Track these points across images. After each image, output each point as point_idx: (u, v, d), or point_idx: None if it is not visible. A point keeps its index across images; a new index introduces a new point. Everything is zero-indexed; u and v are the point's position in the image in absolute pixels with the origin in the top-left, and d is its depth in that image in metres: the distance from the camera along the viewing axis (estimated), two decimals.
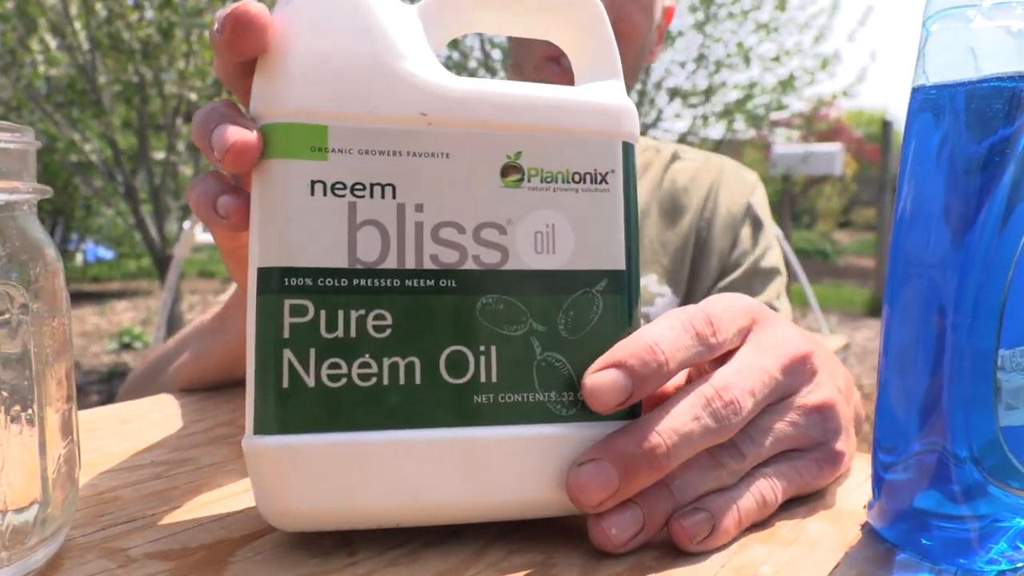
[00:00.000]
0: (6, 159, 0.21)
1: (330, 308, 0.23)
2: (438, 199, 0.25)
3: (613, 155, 0.26)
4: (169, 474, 0.31)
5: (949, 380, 0.24)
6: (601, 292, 0.26)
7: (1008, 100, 0.24)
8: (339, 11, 0.25)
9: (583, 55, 0.29)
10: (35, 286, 0.22)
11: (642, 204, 0.71)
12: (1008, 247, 0.23)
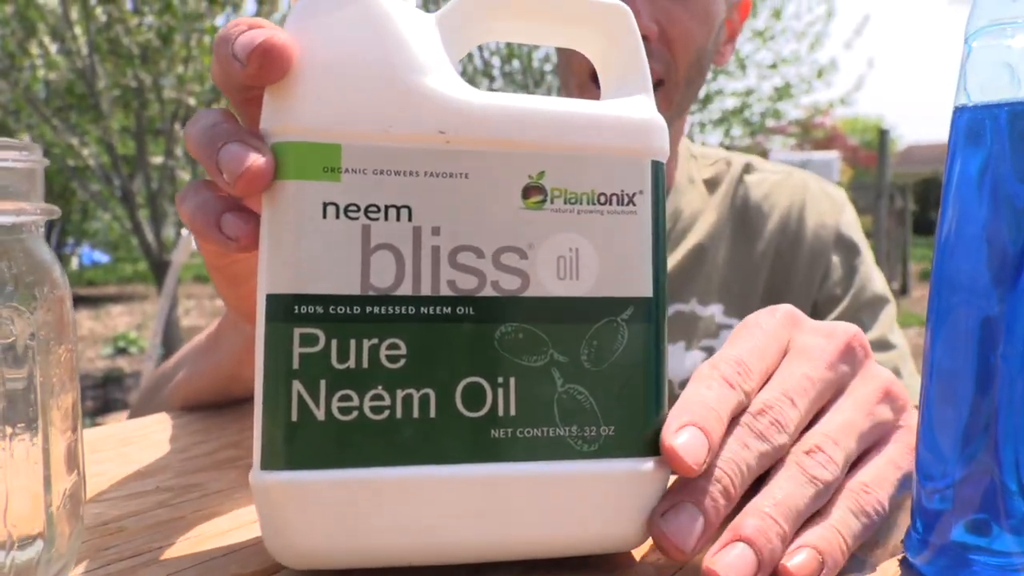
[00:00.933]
0: (13, 179, 0.20)
1: (342, 337, 0.22)
2: (456, 222, 0.23)
3: (641, 175, 0.25)
4: (175, 502, 0.30)
5: (1001, 411, 0.23)
6: (627, 321, 0.25)
7: None
8: (354, 21, 0.23)
9: (611, 66, 0.28)
10: (41, 311, 0.21)
11: (713, 225, 0.67)
12: None
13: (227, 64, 0.22)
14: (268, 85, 0.23)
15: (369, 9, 0.23)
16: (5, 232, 0.20)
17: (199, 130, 0.23)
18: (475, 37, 0.27)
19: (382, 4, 0.24)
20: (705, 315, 0.64)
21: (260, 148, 0.22)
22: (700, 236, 0.66)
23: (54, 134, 3.54)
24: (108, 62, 3.37)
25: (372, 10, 0.23)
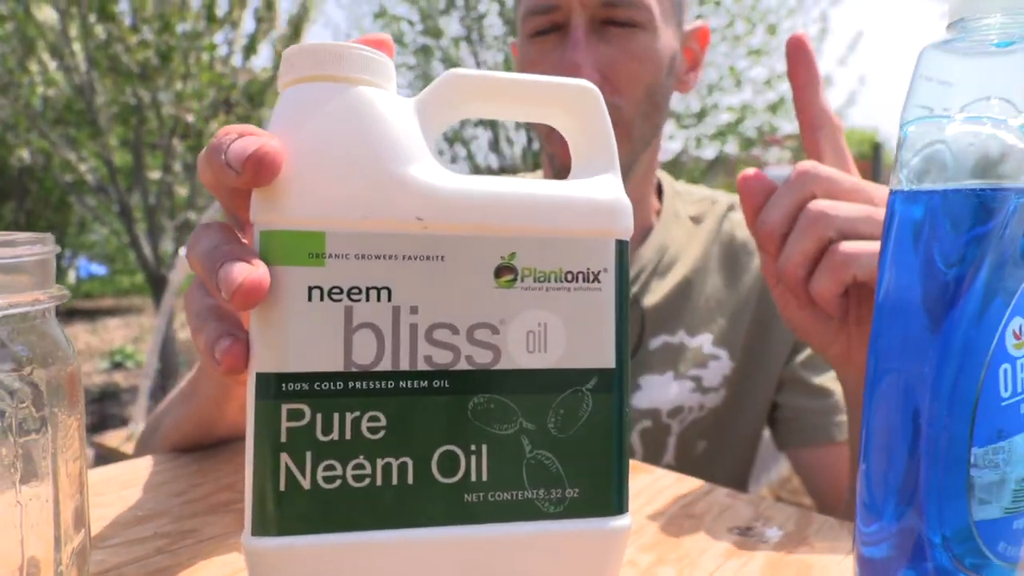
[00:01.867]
0: (28, 270, 0.22)
1: (326, 411, 0.24)
2: (432, 301, 0.25)
3: (606, 254, 0.27)
4: (172, 548, 0.32)
5: (925, 471, 0.25)
6: (591, 390, 0.26)
7: (979, 205, 0.25)
8: (337, 113, 0.25)
9: (581, 143, 0.30)
10: (54, 387, 0.23)
11: (699, 259, 0.69)
12: (981, 348, 0.25)
13: (221, 172, 0.24)
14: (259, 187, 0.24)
15: (351, 100, 0.25)
16: (22, 319, 0.22)
17: (201, 252, 0.25)
18: (452, 118, 0.29)
19: (363, 94, 0.25)
20: (693, 345, 0.66)
21: (253, 261, 0.23)
22: (686, 270, 0.68)
23: (52, 149, 3.57)
24: (107, 79, 3.40)
25: (354, 101, 0.25)
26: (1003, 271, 0.25)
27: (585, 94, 0.29)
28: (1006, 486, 0.25)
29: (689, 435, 0.64)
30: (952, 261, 0.25)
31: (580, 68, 0.61)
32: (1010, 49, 0.26)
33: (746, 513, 0.37)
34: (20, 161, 3.63)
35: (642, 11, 0.62)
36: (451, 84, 0.27)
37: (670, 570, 0.31)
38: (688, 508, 0.38)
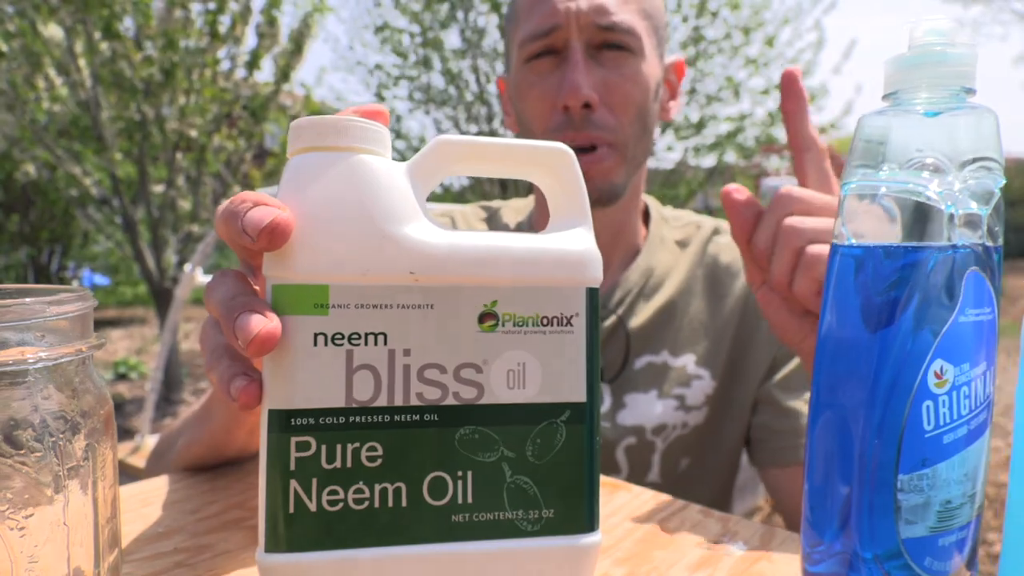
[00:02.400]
0: (72, 324, 0.26)
1: (330, 443, 0.27)
2: (423, 344, 0.29)
3: (577, 300, 0.30)
4: (190, 562, 0.35)
5: (857, 495, 0.28)
6: (564, 422, 0.30)
7: (905, 262, 0.28)
8: (338, 179, 0.28)
9: (556, 198, 0.33)
10: (94, 423, 0.26)
11: (684, 282, 0.72)
12: (906, 387, 0.28)
13: (238, 236, 0.27)
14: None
15: (350, 168, 0.28)
16: (67, 367, 0.25)
17: (219, 299, 0.28)
18: (440, 178, 0.32)
19: (362, 162, 0.29)
20: (677, 365, 0.69)
21: (269, 319, 0.26)
22: (671, 292, 0.72)
23: (57, 163, 3.61)
24: (111, 95, 3.45)
25: (353, 169, 0.29)
26: (925, 320, 0.28)
27: (560, 156, 0.32)
28: (931, 508, 0.28)
29: (673, 452, 0.67)
30: (882, 310, 0.29)
31: (580, 88, 0.64)
32: (936, 118, 0.29)
33: (715, 529, 0.40)
34: (26, 176, 3.67)
35: (634, 38, 0.66)
36: (439, 150, 0.31)
37: None
38: (662, 524, 0.41)
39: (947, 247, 0.28)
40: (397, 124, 6.22)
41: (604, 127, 0.66)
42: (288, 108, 4.07)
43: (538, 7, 0.67)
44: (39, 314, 0.24)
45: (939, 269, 0.28)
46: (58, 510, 0.25)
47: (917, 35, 0.30)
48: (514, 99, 0.72)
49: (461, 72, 5.95)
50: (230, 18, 3.51)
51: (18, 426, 0.24)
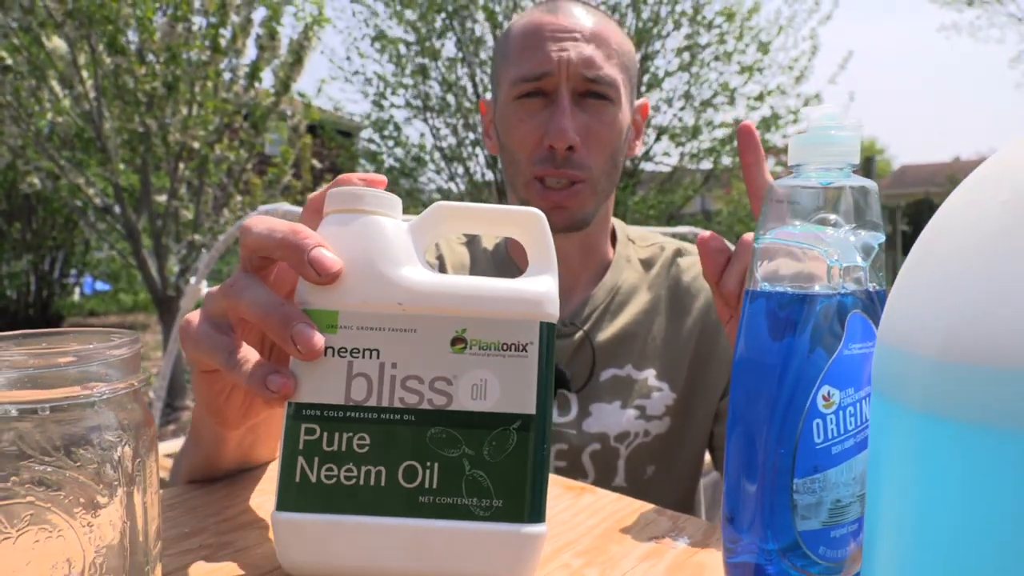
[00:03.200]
0: (126, 363, 0.32)
1: (330, 430, 0.35)
2: (407, 359, 0.36)
3: (533, 332, 0.37)
4: (215, 557, 0.41)
5: (761, 496, 0.35)
6: (516, 429, 0.37)
7: (799, 306, 0.35)
8: (355, 233, 0.37)
9: (530, 250, 0.40)
10: (144, 446, 0.33)
11: (648, 301, 0.79)
12: (799, 407, 0.34)
13: (298, 266, 0.35)
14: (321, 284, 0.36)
15: (364, 225, 0.37)
16: (122, 399, 0.32)
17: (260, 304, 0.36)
18: (434, 235, 0.39)
19: (374, 221, 0.37)
20: (640, 378, 0.76)
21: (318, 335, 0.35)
22: (636, 310, 0.78)
23: (61, 172, 3.68)
24: (115, 106, 3.52)
25: (366, 225, 0.37)
26: (815, 352, 0.34)
27: (533, 218, 0.40)
28: (823, 506, 0.35)
29: (637, 459, 0.73)
30: (781, 344, 0.35)
31: (567, 132, 0.73)
32: (829, 187, 0.36)
33: (665, 526, 0.47)
34: (31, 187, 3.73)
35: (614, 89, 0.74)
36: (437, 214, 0.38)
37: (595, 570, 0.41)
38: (619, 522, 0.47)
39: (835, 293, 0.35)
40: (395, 132, 6.30)
41: (582, 167, 0.75)
42: (288, 116, 4.14)
43: (532, 51, 0.75)
44: (104, 355, 0.31)
45: (827, 311, 0.34)
46: (116, 511, 0.31)
47: (814, 118, 0.36)
48: (499, 127, 0.79)
49: (458, 80, 6.02)
50: (231, 31, 3.58)
51: (82, 443, 0.31)
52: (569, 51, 0.74)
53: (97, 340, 0.33)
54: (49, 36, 3.37)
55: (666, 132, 6.39)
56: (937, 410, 0.24)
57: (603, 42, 0.76)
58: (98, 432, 0.31)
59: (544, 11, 0.78)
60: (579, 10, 0.78)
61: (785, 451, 0.34)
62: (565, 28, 0.75)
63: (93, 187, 3.80)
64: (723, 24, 6.07)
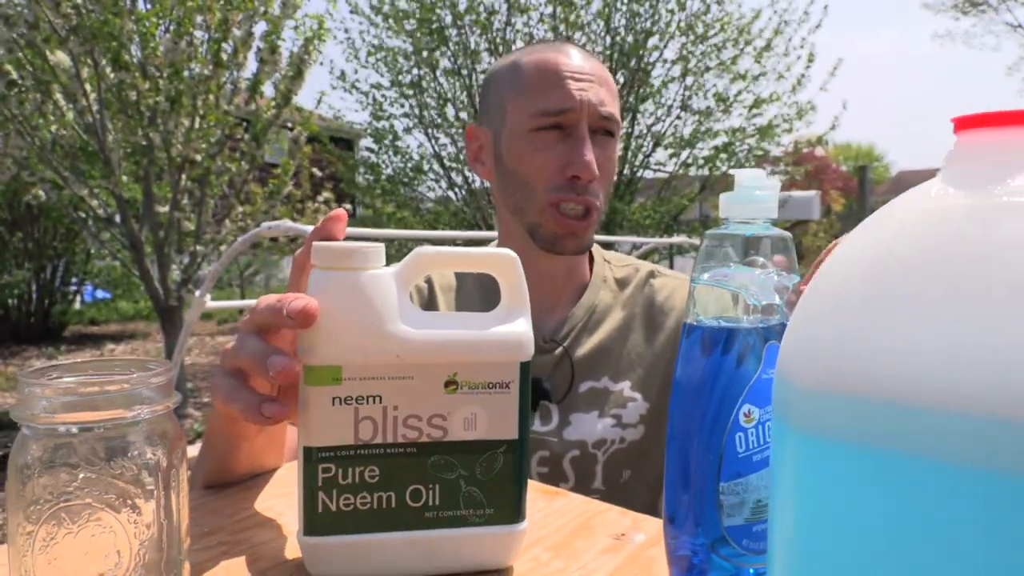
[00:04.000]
0: (162, 389, 0.39)
1: (344, 467, 0.41)
2: (407, 402, 0.42)
3: (513, 371, 0.44)
4: (233, 551, 0.48)
5: (692, 497, 0.41)
6: (502, 452, 0.44)
7: (726, 338, 0.41)
8: (346, 292, 0.42)
9: (504, 289, 0.46)
10: (177, 457, 0.39)
11: (623, 319, 0.87)
12: (723, 422, 0.41)
13: (280, 320, 0.41)
14: (301, 330, 0.41)
15: (354, 283, 0.42)
16: (159, 418, 0.38)
17: (249, 353, 0.43)
18: (417, 278, 0.45)
19: (362, 278, 0.42)
20: (616, 389, 0.82)
21: (289, 357, 0.41)
22: (611, 327, 0.85)
23: (64, 184, 3.74)
24: (117, 119, 3.59)
25: (356, 283, 0.42)
26: (737, 376, 0.41)
27: (508, 260, 0.46)
28: (746, 505, 0.41)
29: (614, 464, 0.80)
30: (710, 369, 0.42)
31: (592, 164, 0.80)
32: (752, 237, 0.43)
33: (626, 524, 0.53)
34: (35, 198, 3.80)
35: (618, 126, 0.83)
36: (419, 261, 0.44)
37: (560, 562, 0.47)
38: (586, 522, 0.54)
39: (755, 327, 0.41)
40: (393, 142, 6.37)
41: (595, 195, 0.82)
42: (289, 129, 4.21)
43: (554, 89, 0.81)
44: (146, 383, 0.38)
45: (749, 342, 0.41)
46: (154, 511, 0.38)
47: (741, 179, 0.43)
48: (508, 155, 0.85)
49: (456, 94, 6.10)
50: (232, 45, 3.65)
51: (124, 455, 0.37)
52: (588, 92, 0.81)
53: (137, 369, 0.39)
54: (53, 51, 3.44)
55: (664, 141, 6.47)
56: (810, 430, 0.30)
57: (609, 85, 0.85)
58: (138, 446, 0.37)
59: (556, 51, 0.84)
60: (585, 54, 0.85)
61: (713, 459, 0.41)
62: (583, 70, 0.82)
63: (96, 198, 3.86)
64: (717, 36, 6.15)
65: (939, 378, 0.27)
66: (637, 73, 6.06)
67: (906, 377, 0.28)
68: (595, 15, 6.01)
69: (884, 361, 0.28)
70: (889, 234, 0.31)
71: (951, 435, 0.26)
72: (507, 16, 5.91)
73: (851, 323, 0.30)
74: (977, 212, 0.30)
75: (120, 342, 7.15)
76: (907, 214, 0.32)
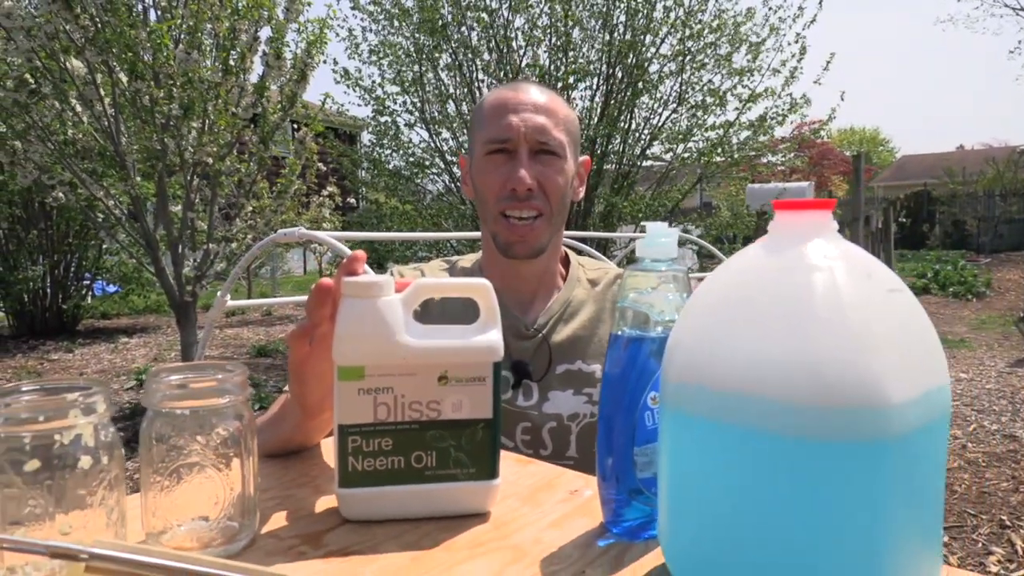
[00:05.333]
0: (240, 384, 0.55)
1: (366, 439, 0.58)
2: (411, 392, 0.59)
3: (488, 369, 0.61)
4: (282, 504, 0.65)
5: (616, 459, 0.58)
6: (481, 428, 0.60)
7: (637, 343, 0.58)
8: (372, 314, 0.58)
9: (481, 308, 0.63)
10: (248, 429, 0.56)
11: (594, 312, 1.06)
12: (636, 403, 0.57)
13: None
14: None
15: (376, 307, 0.58)
16: (239, 405, 0.55)
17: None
18: (417, 303, 0.62)
19: (378, 303, 0.58)
20: (587, 371, 1.01)
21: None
22: (584, 318, 1.03)
23: (81, 184, 3.91)
24: (132, 123, 3.76)
25: (378, 308, 0.58)
26: (646, 371, 0.57)
27: (483, 288, 0.62)
28: (652, 464, 0.58)
29: (585, 434, 0.97)
30: (628, 366, 0.58)
31: (525, 179, 0.99)
32: (664, 270, 0.59)
33: (579, 483, 0.70)
34: (55, 200, 3.96)
35: (560, 147, 1.01)
36: (419, 291, 0.61)
37: (527, 508, 0.64)
38: (550, 481, 0.71)
39: (660, 335, 0.58)
40: (395, 137, 6.52)
41: (540, 201, 1.01)
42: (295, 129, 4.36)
43: (499, 120, 1.02)
44: (230, 379, 0.54)
45: (655, 346, 0.58)
46: (237, 470, 0.55)
47: (651, 230, 0.59)
48: (474, 176, 1.06)
49: (456, 91, 6.24)
50: (238, 51, 3.80)
51: (216, 429, 0.54)
52: (527, 121, 1.00)
53: (223, 371, 0.56)
54: (69, 59, 3.59)
55: (660, 135, 6.62)
56: (675, 409, 0.47)
57: (552, 113, 1.03)
58: (227, 423, 0.54)
59: (508, 89, 1.05)
60: (535, 89, 1.06)
61: (629, 431, 0.57)
62: (523, 102, 1.02)
63: (112, 199, 4.03)
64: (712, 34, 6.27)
65: (747, 373, 0.43)
66: (634, 69, 6.19)
67: (729, 372, 0.44)
68: (593, 14, 6.13)
69: (715, 362, 0.45)
70: (725, 278, 0.48)
71: (755, 411, 0.43)
72: (508, 14, 6.04)
73: (696, 338, 0.47)
74: (776, 267, 0.46)
75: (133, 335, 7.35)
76: (738, 265, 0.48)
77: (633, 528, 0.59)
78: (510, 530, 0.60)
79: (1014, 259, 14.27)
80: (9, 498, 0.46)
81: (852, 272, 0.43)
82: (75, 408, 0.47)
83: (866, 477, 0.40)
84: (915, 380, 0.42)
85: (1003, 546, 2.54)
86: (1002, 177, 18.03)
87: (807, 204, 0.47)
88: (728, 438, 0.44)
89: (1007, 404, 4.45)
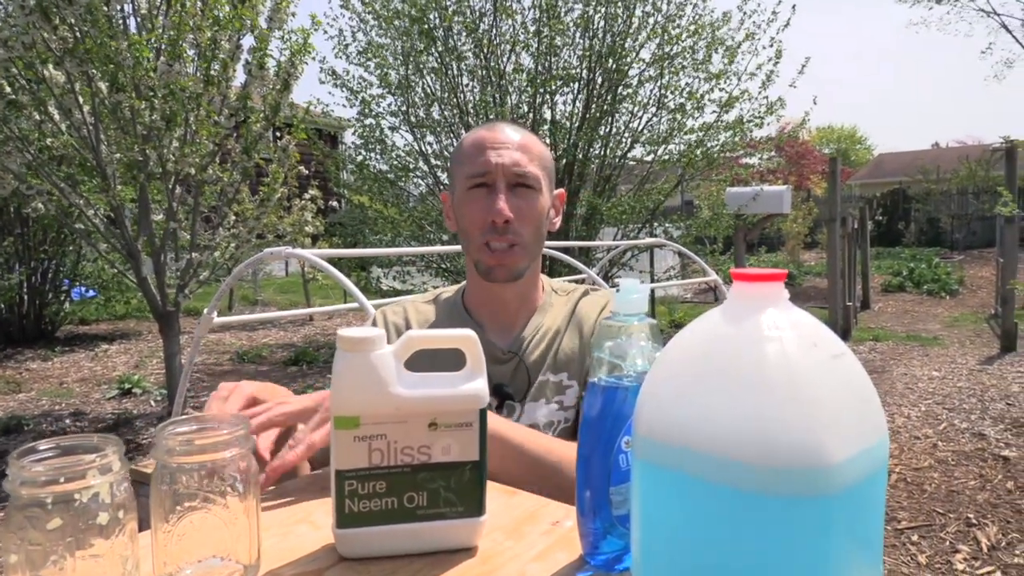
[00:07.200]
0: (244, 438, 0.59)
1: (362, 482, 0.62)
2: (403, 438, 0.63)
3: (475, 415, 0.65)
4: (286, 540, 0.69)
5: (592, 495, 0.63)
6: (469, 469, 0.65)
7: (610, 392, 0.63)
8: (365, 367, 0.62)
9: (467, 357, 0.68)
10: (254, 473, 0.60)
11: (559, 326, 1.16)
12: (611, 445, 0.62)
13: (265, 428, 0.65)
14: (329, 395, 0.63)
15: (369, 360, 0.62)
16: (244, 454, 0.59)
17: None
18: (407, 355, 0.66)
19: (371, 356, 0.63)
20: (556, 380, 1.10)
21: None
22: (551, 335, 1.12)
23: (60, 194, 3.90)
24: (111, 130, 3.74)
25: (367, 360, 0.62)
26: (620, 416, 0.62)
27: (470, 339, 0.67)
28: (627, 502, 0.63)
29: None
30: (605, 411, 0.63)
31: (503, 211, 1.07)
32: (636, 323, 0.64)
33: (560, 514, 0.75)
34: (35, 211, 3.94)
35: (536, 180, 1.10)
36: (408, 344, 0.65)
37: (512, 541, 0.69)
38: (533, 513, 0.75)
39: (633, 384, 0.63)
40: (380, 139, 6.53)
41: (516, 234, 1.10)
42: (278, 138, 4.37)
43: (478, 156, 1.10)
44: (235, 434, 0.59)
45: (628, 394, 0.62)
46: (241, 508, 0.59)
47: (624, 286, 0.64)
48: (457, 211, 1.15)
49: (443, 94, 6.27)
50: (220, 61, 3.81)
51: (223, 477, 0.58)
52: (503, 156, 1.09)
53: (228, 425, 0.60)
54: (47, 67, 3.58)
55: (641, 138, 6.70)
56: (643, 458, 0.52)
57: (527, 149, 1.12)
58: (231, 472, 0.58)
59: (486, 129, 1.14)
60: (511, 128, 1.15)
61: (605, 471, 0.62)
62: (500, 140, 1.11)
63: (92, 208, 4.01)
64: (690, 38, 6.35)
65: (707, 432, 0.48)
66: (614, 73, 6.26)
67: (691, 430, 0.49)
68: (574, 21, 6.20)
69: (679, 421, 0.50)
70: (689, 342, 0.53)
71: (714, 467, 0.48)
72: (494, 19, 6.08)
73: (662, 396, 0.52)
74: (733, 335, 0.51)
75: (113, 342, 7.29)
76: (697, 332, 0.53)
77: (609, 560, 0.64)
78: (496, 564, 0.64)
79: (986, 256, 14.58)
80: (33, 552, 0.50)
81: (800, 341, 0.48)
82: (92, 469, 0.51)
83: (814, 527, 0.45)
84: (855, 439, 0.47)
85: (969, 544, 2.64)
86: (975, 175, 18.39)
87: (761, 277, 0.52)
88: (691, 489, 0.49)
89: (976, 402, 4.58)
